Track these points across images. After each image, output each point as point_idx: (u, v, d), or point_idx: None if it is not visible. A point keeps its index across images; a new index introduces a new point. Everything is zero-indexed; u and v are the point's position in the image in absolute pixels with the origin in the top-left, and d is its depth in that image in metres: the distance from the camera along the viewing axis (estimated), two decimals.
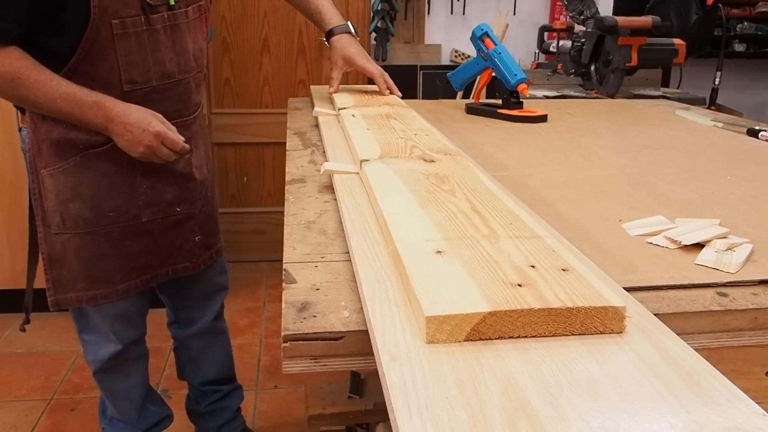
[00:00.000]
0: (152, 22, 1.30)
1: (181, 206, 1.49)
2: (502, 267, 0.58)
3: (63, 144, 1.32)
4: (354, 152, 1.04)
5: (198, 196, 1.53)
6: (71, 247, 1.38)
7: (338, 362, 0.58)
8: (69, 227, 1.37)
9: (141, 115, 1.27)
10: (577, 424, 0.40)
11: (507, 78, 1.61)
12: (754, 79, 3.83)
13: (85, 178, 1.35)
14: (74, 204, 1.35)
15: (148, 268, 1.48)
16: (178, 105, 1.42)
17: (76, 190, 1.35)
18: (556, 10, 3.24)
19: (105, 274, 1.42)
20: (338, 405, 1.77)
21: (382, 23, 3.12)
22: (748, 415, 0.41)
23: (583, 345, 0.50)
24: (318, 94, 1.76)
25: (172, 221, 1.48)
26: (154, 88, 1.35)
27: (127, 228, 1.41)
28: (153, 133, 1.27)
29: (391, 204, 0.75)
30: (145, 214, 1.42)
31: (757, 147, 1.36)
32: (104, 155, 1.34)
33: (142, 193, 1.41)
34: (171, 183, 1.45)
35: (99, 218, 1.38)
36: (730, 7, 3.52)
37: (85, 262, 1.39)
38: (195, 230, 1.54)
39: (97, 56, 1.25)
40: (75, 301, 1.42)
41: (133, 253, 1.44)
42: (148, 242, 1.45)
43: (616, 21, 2.10)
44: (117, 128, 1.26)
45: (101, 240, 1.39)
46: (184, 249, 1.53)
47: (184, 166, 1.47)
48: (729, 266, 0.69)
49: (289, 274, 0.68)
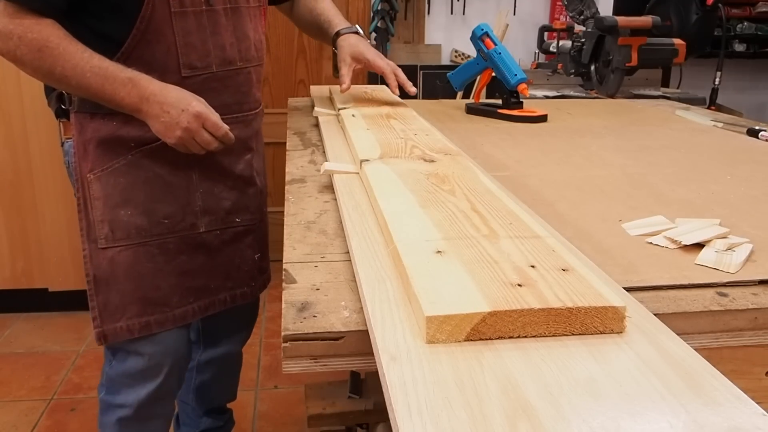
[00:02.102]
0: (212, 1, 1.20)
1: (241, 216, 1.34)
2: (502, 267, 0.58)
3: (112, 142, 1.21)
4: (354, 152, 1.04)
5: (258, 205, 1.39)
6: (121, 263, 1.22)
7: (338, 362, 0.58)
8: (119, 238, 1.22)
9: (180, 94, 1.14)
10: (577, 424, 0.40)
11: (507, 78, 1.61)
12: (754, 79, 3.83)
13: (136, 179, 1.22)
14: (125, 209, 1.22)
15: (206, 291, 1.31)
16: (239, 96, 1.30)
17: (127, 193, 1.22)
18: (556, 10, 3.24)
19: (160, 295, 1.25)
20: (338, 405, 1.77)
21: (382, 23, 3.12)
22: (748, 415, 0.41)
23: (583, 345, 0.50)
24: (318, 94, 1.76)
25: (230, 234, 1.33)
26: (214, 75, 1.24)
27: (184, 240, 1.27)
28: (193, 114, 1.13)
29: (391, 204, 0.75)
30: (202, 223, 1.28)
31: (757, 147, 1.36)
32: (157, 153, 1.22)
33: (199, 198, 1.27)
34: (230, 188, 1.31)
35: (153, 226, 1.23)
36: (730, 7, 3.52)
37: (138, 280, 1.23)
38: (255, 247, 1.39)
39: (153, 38, 1.15)
40: (126, 331, 1.24)
41: (189, 270, 1.28)
42: (206, 259, 1.30)
43: (616, 21, 2.10)
44: (153, 109, 1.12)
45: (155, 253, 1.24)
46: (243, 270, 1.37)
47: (244, 167, 1.33)
48: (729, 266, 0.69)
49: (289, 274, 0.68)
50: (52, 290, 2.74)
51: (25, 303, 2.77)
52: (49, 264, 2.71)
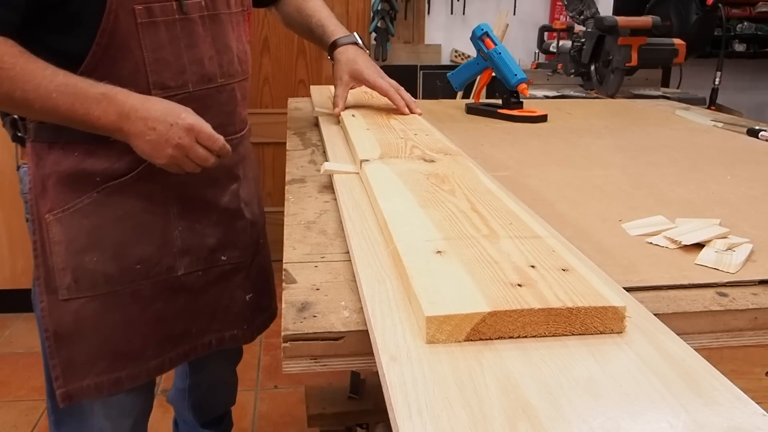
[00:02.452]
0: (186, 9, 1.03)
1: (228, 254, 1.18)
2: (502, 267, 0.58)
3: (75, 177, 1.03)
4: (354, 152, 1.04)
5: (249, 241, 1.22)
6: (88, 316, 1.06)
7: (338, 362, 0.58)
8: (84, 288, 1.05)
9: (165, 106, 0.98)
10: (577, 424, 0.40)
11: (507, 78, 1.61)
12: (754, 79, 3.83)
13: (104, 219, 1.05)
14: (91, 255, 1.04)
15: (187, 337, 1.16)
16: (221, 118, 1.12)
17: (93, 236, 1.04)
18: (556, 10, 3.24)
19: (133, 348, 1.10)
20: (338, 405, 1.77)
21: (382, 23, 3.12)
22: (748, 415, 0.41)
23: (583, 345, 0.50)
24: (318, 94, 1.76)
25: (215, 274, 1.17)
26: (191, 95, 1.06)
27: (160, 284, 1.11)
28: (184, 127, 0.97)
29: (391, 204, 0.75)
30: (181, 264, 1.12)
31: (757, 147, 1.36)
32: (128, 188, 1.05)
33: (178, 238, 1.11)
34: (214, 223, 1.15)
35: (124, 272, 1.07)
36: (730, 7, 3.52)
37: (107, 333, 1.07)
38: (246, 286, 1.22)
39: (117, 54, 0.99)
40: (94, 390, 1.07)
41: (167, 317, 1.12)
42: (187, 302, 1.14)
43: (616, 21, 2.10)
44: (135, 127, 0.96)
45: (127, 302, 1.08)
46: (232, 311, 1.20)
47: (230, 199, 1.17)
48: (729, 266, 0.69)
49: (289, 274, 0.68)
50: None
51: (25, 303, 2.75)
52: None
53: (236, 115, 1.17)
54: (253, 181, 1.27)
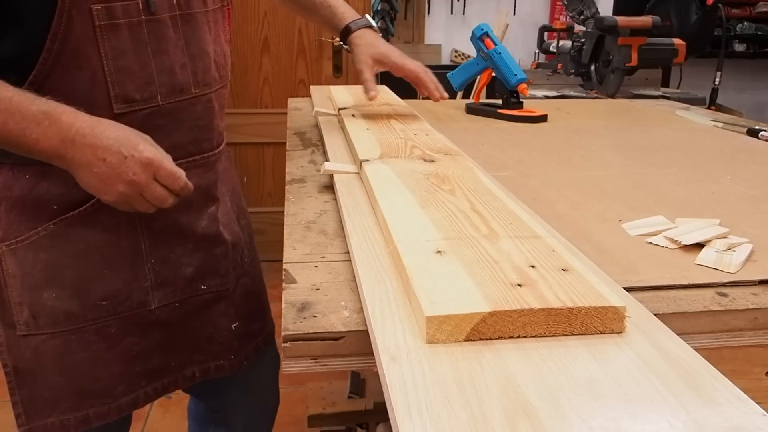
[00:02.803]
0: (154, 8, 0.88)
1: (208, 282, 1.05)
2: (502, 267, 0.58)
3: (28, 205, 0.90)
4: (354, 152, 1.04)
5: (231, 265, 1.09)
6: (48, 353, 0.95)
7: (338, 362, 0.58)
8: (44, 325, 0.94)
9: (120, 133, 0.83)
10: (577, 424, 0.40)
11: (507, 78, 1.61)
12: (754, 79, 3.83)
13: (63, 253, 0.92)
14: (50, 292, 0.93)
15: (165, 370, 1.04)
16: (196, 133, 0.99)
17: (51, 271, 0.92)
18: (556, 10, 3.24)
19: (101, 386, 0.99)
20: (338, 405, 1.77)
21: (382, 23, 3.12)
22: (748, 415, 0.41)
23: (583, 345, 0.50)
24: (318, 94, 1.76)
25: (195, 304, 1.05)
26: (160, 109, 0.92)
27: (130, 320, 0.99)
28: (141, 161, 0.82)
29: (391, 204, 0.75)
30: (155, 298, 1.00)
31: (757, 147, 1.36)
32: (90, 219, 0.92)
33: (150, 271, 0.98)
34: (191, 251, 1.02)
35: (87, 310, 0.95)
36: (730, 7, 3.52)
37: (70, 372, 0.96)
38: (231, 314, 1.09)
39: (71, 62, 0.84)
40: (59, 428, 0.98)
41: (140, 353, 1.01)
42: (163, 336, 1.02)
43: (616, 21, 2.10)
44: (81, 155, 0.80)
45: (92, 339, 0.96)
46: (217, 341, 1.08)
47: (208, 224, 1.04)
48: (729, 266, 0.69)
49: (289, 274, 0.68)
50: None
51: None
52: None
53: (213, 128, 1.03)
54: (229, 195, 1.13)
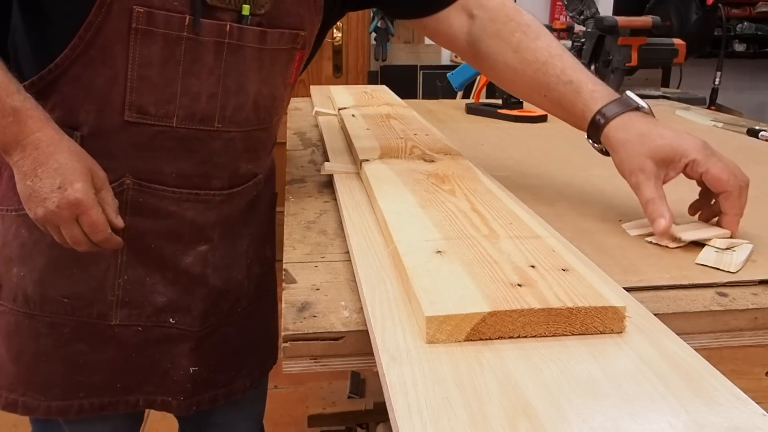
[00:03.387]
0: (199, 29, 0.82)
1: (177, 318, 0.98)
2: (502, 267, 0.58)
3: None
4: (354, 152, 1.04)
5: (210, 310, 1.01)
6: (2, 324, 0.96)
7: (338, 362, 0.58)
8: (5, 297, 0.94)
9: (68, 163, 0.79)
10: (577, 424, 0.40)
11: None
12: (754, 79, 3.83)
13: (42, 237, 0.88)
14: (19, 269, 0.92)
15: (108, 390, 0.99)
16: (207, 168, 0.93)
17: (25, 250, 0.91)
18: (556, 10, 3.24)
19: (37, 380, 0.96)
20: (338, 405, 1.77)
21: (382, 23, 3.12)
22: (748, 415, 0.41)
23: (583, 345, 0.50)
24: (318, 94, 1.76)
25: (158, 335, 0.98)
26: (172, 131, 0.87)
27: (86, 327, 0.94)
28: (68, 200, 0.79)
29: (391, 204, 0.75)
30: (118, 315, 0.95)
31: (757, 147, 1.36)
32: None
33: (119, 288, 0.94)
34: (168, 281, 0.96)
35: (46, 302, 0.92)
36: (730, 7, 3.52)
37: (14, 351, 0.96)
38: (192, 358, 1.01)
39: (97, 56, 0.81)
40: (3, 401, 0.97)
41: (86, 363, 0.96)
42: (115, 355, 0.97)
43: (616, 21, 2.10)
44: (24, 163, 0.78)
45: (42, 332, 0.94)
46: (171, 378, 1.01)
47: (193, 261, 0.97)
48: (730, 266, 0.69)
49: (289, 274, 0.68)
50: None
51: None
52: None
53: (232, 168, 0.96)
54: (249, 240, 1.04)
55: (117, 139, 0.87)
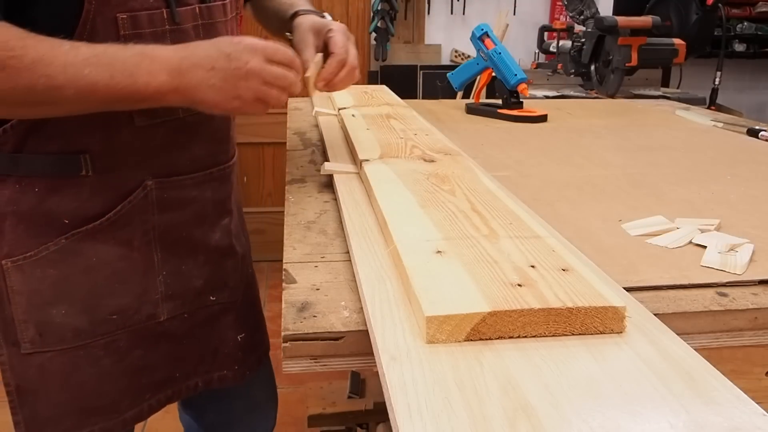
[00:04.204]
0: (179, 18, 0.85)
1: (217, 294, 1.04)
2: (502, 267, 0.58)
3: (37, 219, 0.86)
4: (354, 152, 1.04)
5: (240, 277, 1.08)
6: (54, 371, 0.92)
7: (338, 362, 0.58)
8: (51, 342, 0.91)
9: (210, 42, 0.80)
10: (577, 424, 0.40)
11: (507, 78, 1.61)
12: (754, 79, 3.83)
13: (73, 269, 0.89)
14: (59, 308, 0.90)
15: (169, 381, 1.02)
16: (213, 147, 0.98)
17: (60, 287, 0.89)
18: (556, 10, 3.24)
19: (106, 402, 0.96)
20: (338, 405, 1.77)
21: (382, 23, 3.12)
22: (748, 415, 0.41)
23: (583, 345, 0.49)
24: (318, 94, 1.76)
25: (203, 316, 1.03)
26: (183, 122, 0.91)
27: (139, 333, 0.96)
28: (246, 49, 0.78)
29: (391, 204, 0.75)
30: (164, 310, 0.98)
31: (757, 147, 1.36)
32: (103, 233, 0.89)
33: (161, 283, 0.96)
34: (202, 264, 1.00)
35: (96, 325, 0.92)
36: (730, 7, 3.52)
37: (77, 389, 0.94)
38: (237, 326, 1.08)
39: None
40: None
41: (147, 366, 0.99)
42: (170, 348, 1.00)
43: (616, 21, 2.10)
44: (192, 77, 0.76)
45: (100, 355, 0.94)
46: (222, 353, 1.07)
47: (221, 236, 1.03)
48: (735, 267, 0.69)
49: (289, 274, 0.68)
50: None
51: None
52: None
53: (229, 140, 1.02)
54: (236, 205, 1.10)
55: (130, 148, 0.88)
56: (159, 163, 0.91)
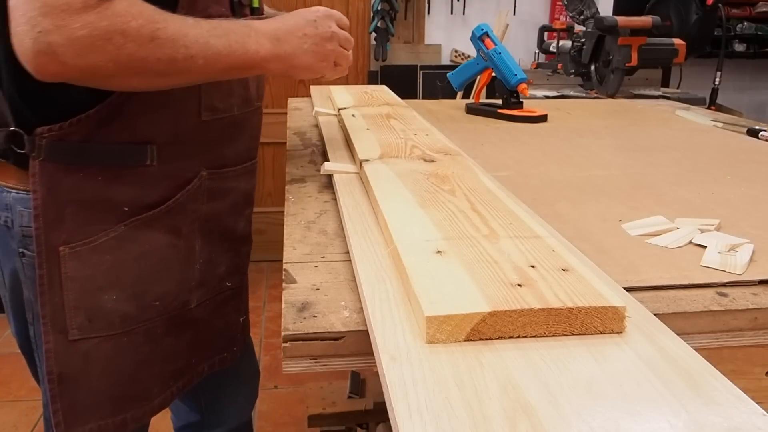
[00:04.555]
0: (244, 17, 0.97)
1: (232, 280, 1.10)
2: (502, 267, 0.58)
3: (98, 207, 0.90)
4: (354, 152, 1.04)
5: (249, 263, 1.16)
6: (99, 358, 0.95)
7: (338, 362, 0.58)
8: (99, 328, 0.93)
9: (290, 14, 0.92)
10: (577, 424, 0.40)
11: (507, 78, 1.62)
12: (754, 79, 3.83)
13: (127, 255, 0.93)
14: (110, 294, 0.93)
15: (187, 368, 1.06)
16: (250, 142, 1.07)
17: (113, 274, 0.93)
18: (556, 10, 3.24)
19: (141, 389, 1.00)
20: (338, 405, 1.77)
21: (382, 23, 3.12)
22: (748, 415, 0.41)
23: (583, 345, 0.49)
24: (318, 94, 1.76)
25: (218, 301, 1.08)
26: (234, 118, 0.99)
27: (172, 320, 1.00)
28: (324, 15, 0.93)
29: (391, 204, 0.75)
30: (195, 297, 1.02)
31: (757, 147, 1.36)
32: (158, 221, 0.94)
33: (197, 271, 1.01)
34: (225, 251, 1.07)
35: (142, 311, 0.96)
36: (730, 7, 3.52)
37: (116, 375, 0.97)
38: (240, 309, 1.15)
39: None
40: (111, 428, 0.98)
41: (174, 353, 1.03)
42: (192, 335, 1.05)
43: (616, 21, 2.10)
44: (289, 44, 0.88)
45: (140, 342, 0.97)
46: (226, 335, 1.12)
47: (245, 225, 1.11)
48: (735, 267, 0.69)
49: (289, 274, 0.68)
50: None
51: None
52: None
53: (259, 137, 1.13)
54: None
55: (193, 140, 0.95)
56: (212, 156, 0.98)
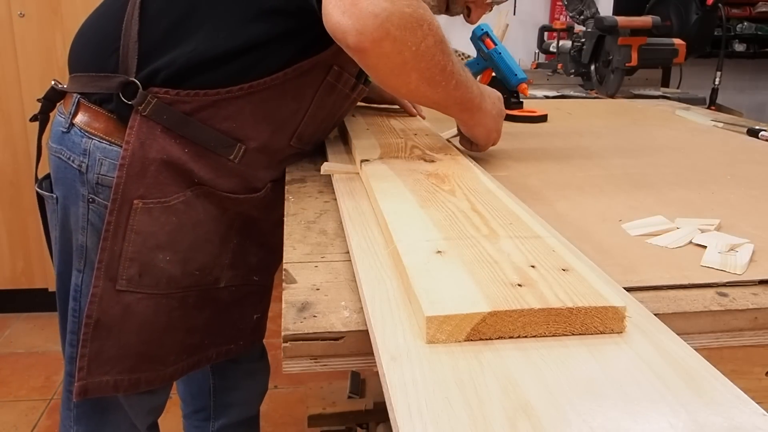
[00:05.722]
0: (358, 92, 1.05)
1: (260, 276, 1.16)
2: (502, 267, 0.58)
3: (177, 170, 0.96)
4: (354, 152, 1.04)
5: (277, 268, 1.22)
6: (138, 313, 1.00)
7: (338, 362, 0.58)
8: (146, 285, 0.99)
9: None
10: (577, 424, 0.40)
11: (507, 78, 1.61)
12: (754, 79, 3.83)
13: (187, 220, 0.99)
14: (165, 254, 0.99)
15: (200, 348, 1.12)
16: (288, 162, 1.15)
17: (173, 235, 0.99)
18: (556, 10, 3.24)
19: (161, 352, 1.05)
20: (338, 405, 1.77)
21: None
22: (748, 415, 0.41)
23: (583, 345, 0.49)
24: None
25: (243, 292, 1.14)
26: (301, 153, 1.09)
27: (202, 293, 1.07)
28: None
29: (391, 204, 0.75)
30: (225, 277, 1.09)
31: (757, 147, 1.36)
32: (212, 194, 1.01)
33: (230, 251, 1.08)
34: (260, 244, 1.13)
35: (184, 277, 1.02)
36: (730, 7, 3.52)
37: (147, 334, 1.02)
38: (258, 308, 1.22)
39: (290, 91, 0.96)
40: (112, 387, 1.02)
41: (194, 326, 1.08)
42: (211, 314, 1.10)
43: (616, 21, 2.10)
44: (486, 103, 1.00)
45: (175, 306, 1.03)
46: (238, 328, 1.18)
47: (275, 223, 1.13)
48: (735, 267, 0.69)
49: (289, 274, 0.68)
50: (52, 290, 2.73)
51: (25, 303, 2.77)
52: (49, 264, 2.71)
53: None
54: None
55: (274, 157, 1.04)
56: (275, 172, 1.07)
